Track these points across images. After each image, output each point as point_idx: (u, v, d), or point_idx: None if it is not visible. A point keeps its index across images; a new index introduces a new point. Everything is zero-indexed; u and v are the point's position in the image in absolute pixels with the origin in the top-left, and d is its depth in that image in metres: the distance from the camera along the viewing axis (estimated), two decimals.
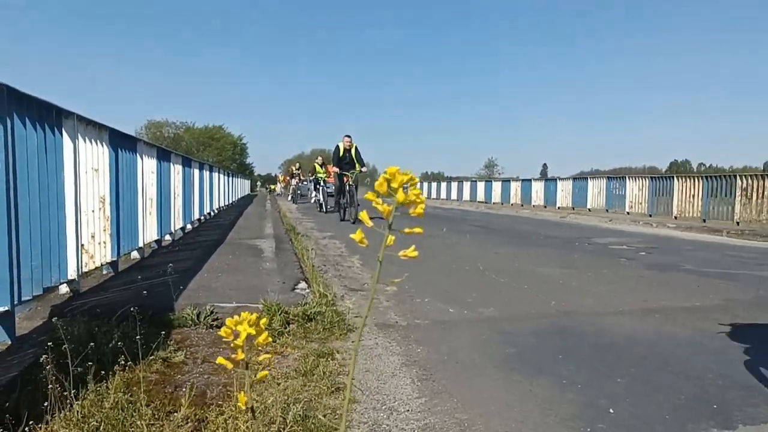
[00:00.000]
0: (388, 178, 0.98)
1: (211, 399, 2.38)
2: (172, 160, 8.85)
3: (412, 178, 0.99)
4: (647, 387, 2.68)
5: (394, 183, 0.98)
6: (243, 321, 1.09)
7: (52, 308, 3.84)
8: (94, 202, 4.82)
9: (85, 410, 2.10)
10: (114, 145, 5.34)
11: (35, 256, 3.50)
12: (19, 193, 3.25)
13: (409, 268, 6.13)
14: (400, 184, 0.98)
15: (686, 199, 15.54)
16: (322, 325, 3.53)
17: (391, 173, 0.98)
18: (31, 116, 3.51)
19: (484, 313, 4.15)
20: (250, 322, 1.09)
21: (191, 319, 3.50)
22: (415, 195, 0.99)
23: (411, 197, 0.99)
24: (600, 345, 3.38)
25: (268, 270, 5.54)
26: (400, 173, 0.99)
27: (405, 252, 1.02)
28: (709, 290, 5.09)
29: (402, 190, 0.98)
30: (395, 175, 0.98)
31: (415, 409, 2.41)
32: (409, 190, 0.99)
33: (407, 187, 1.00)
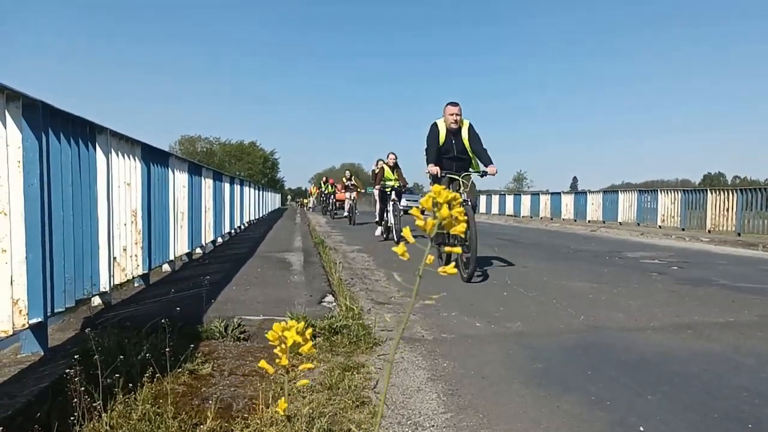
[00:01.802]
0: (434, 196, 1.02)
1: (237, 412, 2.40)
2: (204, 175, 8.98)
3: (455, 197, 1.02)
4: (679, 405, 2.63)
5: (439, 199, 1.01)
6: (290, 328, 1.11)
7: (84, 320, 3.91)
8: (127, 216, 4.90)
9: (113, 421, 2.13)
10: (146, 159, 5.44)
11: (68, 268, 3.57)
12: (53, 207, 3.33)
13: (436, 282, 6.11)
14: (445, 201, 1.01)
15: (720, 213, 15.23)
16: (348, 338, 3.54)
17: (437, 191, 1.02)
18: (66, 132, 3.59)
19: (511, 328, 4.11)
20: (297, 330, 1.12)
21: (219, 331, 3.54)
22: (459, 213, 1.01)
23: (455, 214, 1.01)
24: (630, 361, 3.32)
25: (296, 283, 5.57)
26: (445, 191, 1.03)
27: (444, 268, 1.05)
28: (743, 306, 4.97)
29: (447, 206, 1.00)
30: (441, 193, 1.02)
31: (440, 425, 2.39)
32: (454, 208, 1.01)
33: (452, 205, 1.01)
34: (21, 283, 3.03)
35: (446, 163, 6.87)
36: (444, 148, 6.88)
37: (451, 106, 6.73)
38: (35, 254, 3.08)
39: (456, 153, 6.88)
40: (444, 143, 6.86)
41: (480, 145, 6.84)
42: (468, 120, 6.92)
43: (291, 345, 1.11)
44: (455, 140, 6.87)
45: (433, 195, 1.02)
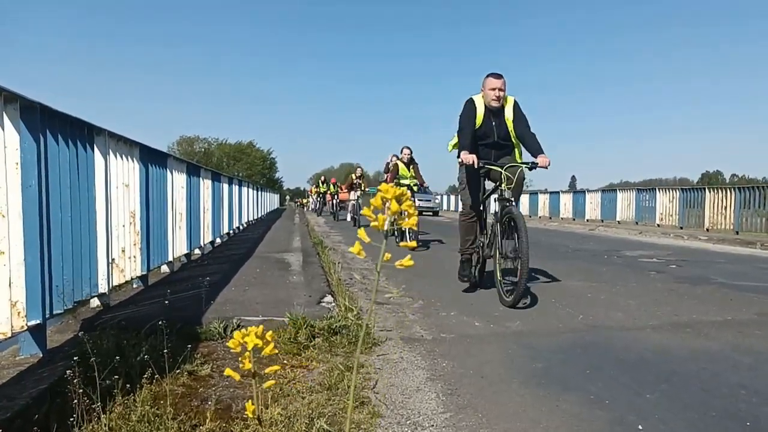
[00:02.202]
0: (383, 193, 1.05)
1: (236, 413, 2.40)
2: (202, 175, 8.97)
3: (403, 193, 1.06)
4: (677, 403, 2.63)
5: (387, 196, 1.05)
6: (250, 333, 1.14)
7: (82, 321, 3.91)
8: (125, 217, 4.90)
9: (113, 423, 2.13)
10: (144, 160, 5.43)
11: (66, 270, 3.57)
12: (51, 208, 3.33)
13: (435, 281, 6.12)
14: (393, 197, 1.05)
15: (718, 211, 15.24)
16: (347, 338, 3.54)
17: (385, 189, 1.06)
18: (64, 133, 3.59)
19: (510, 327, 4.11)
20: (257, 334, 1.14)
21: (218, 332, 3.54)
22: (408, 206, 1.05)
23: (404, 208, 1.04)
24: (629, 360, 3.33)
25: (295, 283, 5.57)
26: (392, 188, 1.06)
27: (401, 261, 1.08)
28: (741, 304, 4.98)
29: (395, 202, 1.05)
30: (389, 190, 1.05)
31: (439, 425, 2.39)
32: (403, 202, 1.04)
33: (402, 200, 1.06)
34: (19, 285, 3.03)
35: (482, 152, 5.41)
36: (481, 132, 5.40)
37: (492, 78, 5.27)
38: (33, 256, 3.08)
39: (496, 138, 5.40)
40: (481, 126, 5.39)
41: (527, 128, 5.37)
42: (513, 97, 5.42)
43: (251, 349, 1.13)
44: (496, 122, 5.40)
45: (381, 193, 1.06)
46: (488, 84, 5.33)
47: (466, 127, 5.32)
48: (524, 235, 4.67)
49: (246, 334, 1.14)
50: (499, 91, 5.26)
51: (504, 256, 5.00)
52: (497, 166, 5.22)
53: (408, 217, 1.06)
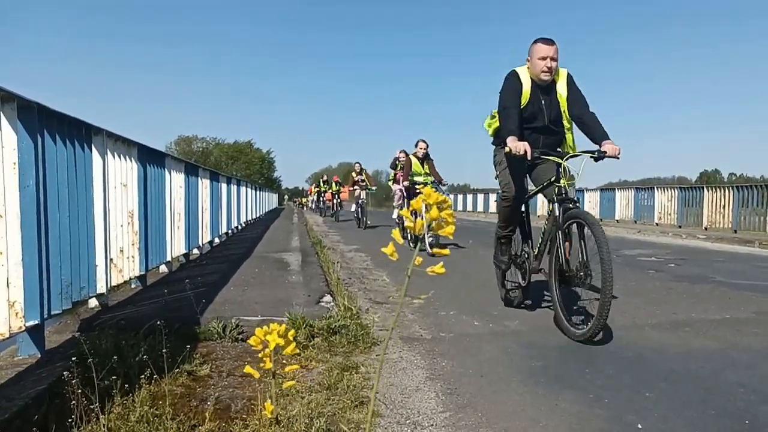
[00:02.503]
0: (425, 198, 1.04)
1: (235, 413, 2.39)
2: (200, 175, 8.96)
3: (446, 200, 1.05)
4: (676, 402, 2.63)
5: (429, 200, 1.03)
6: (272, 331, 1.12)
7: (81, 322, 3.90)
8: (123, 217, 4.89)
9: (111, 423, 2.13)
10: (142, 160, 5.43)
11: (65, 270, 3.56)
12: (49, 209, 3.32)
13: (434, 281, 6.10)
14: (435, 203, 1.03)
15: (716, 210, 15.26)
16: (347, 338, 3.53)
17: (428, 193, 1.05)
18: (62, 133, 3.58)
19: (509, 326, 4.11)
20: (279, 333, 1.12)
21: (217, 332, 3.53)
22: (448, 215, 1.02)
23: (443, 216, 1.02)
24: (627, 359, 3.33)
25: (294, 283, 5.57)
26: (435, 193, 1.05)
27: (432, 268, 1.07)
28: (740, 302, 4.98)
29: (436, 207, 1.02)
30: (431, 195, 1.04)
31: (439, 424, 2.39)
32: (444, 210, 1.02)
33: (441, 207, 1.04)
34: (17, 285, 3.02)
35: (528, 138, 4.17)
36: (527, 113, 4.26)
37: (543, 45, 4.15)
38: (31, 256, 3.07)
39: (547, 121, 4.27)
40: (528, 105, 4.25)
41: (586, 107, 4.21)
42: (566, 69, 4.31)
43: (274, 347, 1.11)
44: (546, 101, 4.25)
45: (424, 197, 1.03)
46: (537, 52, 4.22)
47: (511, 107, 4.19)
48: (605, 247, 3.58)
49: (268, 332, 1.13)
50: (551, 61, 4.13)
51: (568, 273, 3.90)
52: (556, 156, 4.09)
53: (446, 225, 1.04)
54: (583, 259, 3.80)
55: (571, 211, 3.96)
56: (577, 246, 3.90)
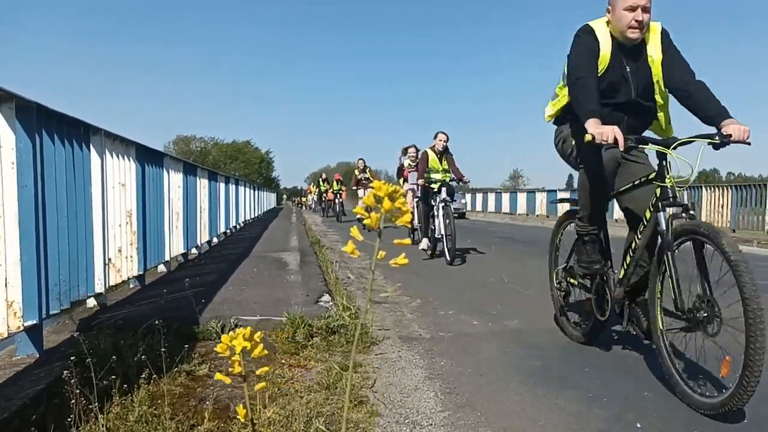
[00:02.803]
0: (375, 191, 1.05)
1: (234, 412, 2.39)
2: (198, 175, 8.95)
3: (396, 190, 1.05)
4: (675, 400, 2.63)
5: (380, 193, 1.04)
6: (238, 335, 1.12)
7: (79, 321, 3.90)
8: (121, 217, 4.89)
9: (110, 423, 2.12)
10: (141, 160, 5.42)
11: (63, 270, 3.56)
12: (47, 209, 3.32)
13: (432, 280, 6.12)
14: (386, 194, 1.04)
15: (715, 209, 15.27)
16: (345, 338, 3.53)
17: (378, 186, 1.05)
18: (60, 133, 3.58)
19: (508, 326, 4.11)
20: (244, 336, 1.12)
21: (215, 332, 3.52)
22: (401, 204, 1.05)
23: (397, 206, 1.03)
24: (627, 358, 3.33)
25: (292, 283, 5.56)
26: (386, 185, 1.06)
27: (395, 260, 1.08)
28: (739, 302, 4.97)
29: (388, 199, 1.04)
30: (381, 188, 1.05)
31: (438, 423, 2.39)
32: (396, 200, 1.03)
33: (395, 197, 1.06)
34: (16, 285, 3.02)
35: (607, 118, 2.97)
36: (606, 84, 3.15)
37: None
38: (30, 256, 3.07)
39: (634, 95, 3.15)
40: (606, 72, 3.15)
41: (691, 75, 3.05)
42: (660, 24, 3.16)
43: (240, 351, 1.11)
44: (633, 67, 3.14)
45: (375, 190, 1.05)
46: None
47: (587, 75, 3.07)
48: (748, 278, 2.54)
49: (234, 337, 1.13)
50: (643, 12, 2.99)
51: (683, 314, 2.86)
52: (660, 144, 2.95)
53: (401, 215, 1.05)
54: (704, 293, 2.79)
55: (686, 224, 2.82)
56: (693, 273, 2.86)
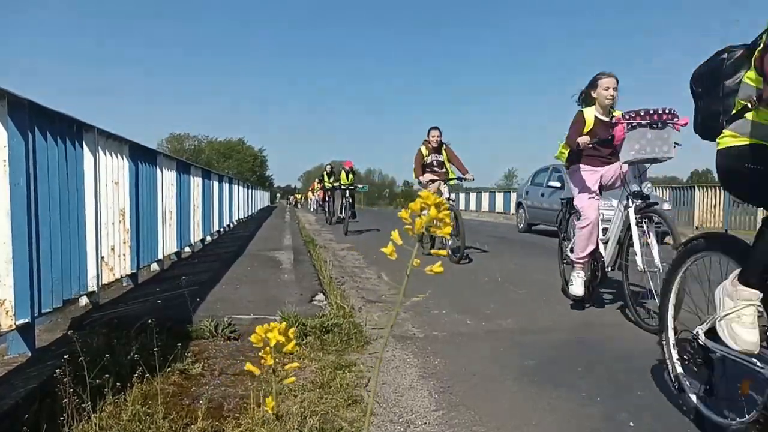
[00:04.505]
0: (423, 199, 1.09)
1: (228, 411, 2.38)
2: (192, 173, 8.92)
3: (442, 202, 1.09)
4: (668, 400, 2.64)
5: (428, 202, 1.08)
6: (273, 329, 1.14)
7: (72, 320, 3.88)
8: (114, 215, 4.86)
9: (103, 422, 2.11)
10: (134, 158, 5.40)
11: (55, 268, 3.53)
12: (40, 206, 3.29)
13: (426, 279, 6.10)
14: (433, 204, 1.08)
15: (708, 210, 15.34)
16: (339, 337, 3.53)
17: (426, 196, 1.10)
18: (53, 130, 3.56)
19: (502, 325, 4.12)
20: (279, 330, 1.14)
21: (209, 330, 3.52)
22: (445, 216, 1.08)
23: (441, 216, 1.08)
24: (620, 357, 3.34)
25: (286, 282, 5.55)
26: (433, 195, 1.10)
27: (431, 267, 1.10)
28: None
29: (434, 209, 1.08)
30: (429, 197, 1.09)
31: (432, 422, 2.39)
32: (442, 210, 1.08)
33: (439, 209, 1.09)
34: (7, 283, 3.00)
35: None
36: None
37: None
38: (22, 254, 3.05)
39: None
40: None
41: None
42: None
43: (275, 345, 1.13)
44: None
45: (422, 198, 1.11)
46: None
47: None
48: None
49: (269, 329, 1.16)
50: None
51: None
52: None
53: (443, 226, 1.09)
54: None
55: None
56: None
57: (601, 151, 4.64)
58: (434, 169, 8.20)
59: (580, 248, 4.53)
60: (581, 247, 4.51)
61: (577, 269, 4.62)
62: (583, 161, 4.69)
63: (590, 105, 4.74)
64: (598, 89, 4.63)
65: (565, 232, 5.18)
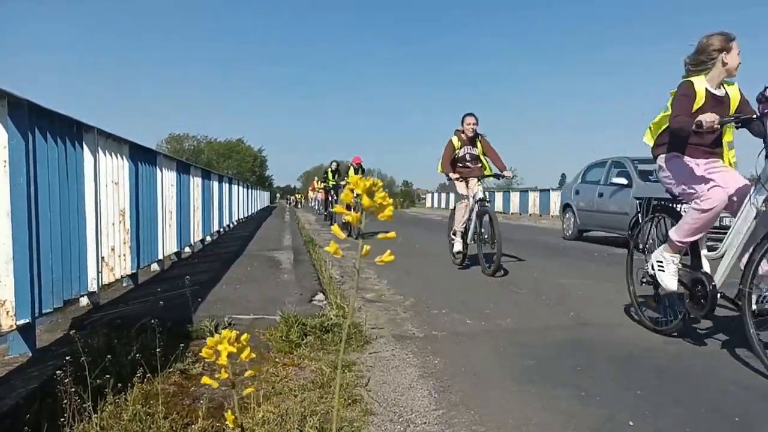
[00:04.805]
0: (351, 187, 1.00)
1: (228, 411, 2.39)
2: (192, 173, 8.93)
3: (375, 183, 1.00)
4: (667, 399, 2.65)
5: (357, 190, 0.99)
6: (223, 340, 1.09)
7: (72, 320, 3.88)
8: (114, 215, 4.87)
9: (104, 422, 2.12)
10: (134, 158, 5.40)
11: (56, 269, 3.54)
12: (40, 207, 3.30)
13: (425, 279, 6.12)
14: (364, 190, 0.99)
15: None
16: (339, 336, 3.53)
17: (354, 182, 1.00)
18: (53, 131, 3.56)
19: (501, 325, 4.12)
20: (230, 340, 1.09)
21: (209, 330, 3.52)
22: (381, 198, 1.00)
23: (378, 201, 1.00)
24: (619, 357, 3.34)
25: (286, 281, 5.56)
26: (362, 180, 1.00)
27: (381, 258, 1.03)
28: None
29: (367, 195, 0.99)
30: (358, 183, 0.99)
31: (432, 422, 2.39)
32: (376, 194, 1.00)
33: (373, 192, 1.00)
34: (8, 284, 3.00)
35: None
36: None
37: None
38: (22, 254, 3.05)
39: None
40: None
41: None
42: None
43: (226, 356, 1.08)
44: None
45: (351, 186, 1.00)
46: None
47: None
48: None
49: (219, 341, 1.10)
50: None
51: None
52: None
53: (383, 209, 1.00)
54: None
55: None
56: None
57: (705, 139, 3.58)
58: (467, 163, 6.99)
59: (687, 231, 3.52)
60: (690, 231, 3.50)
61: (671, 254, 3.65)
62: None
63: (700, 73, 3.60)
64: (732, 53, 3.51)
65: (643, 241, 4.11)
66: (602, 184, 10.93)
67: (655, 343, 3.63)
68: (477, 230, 6.63)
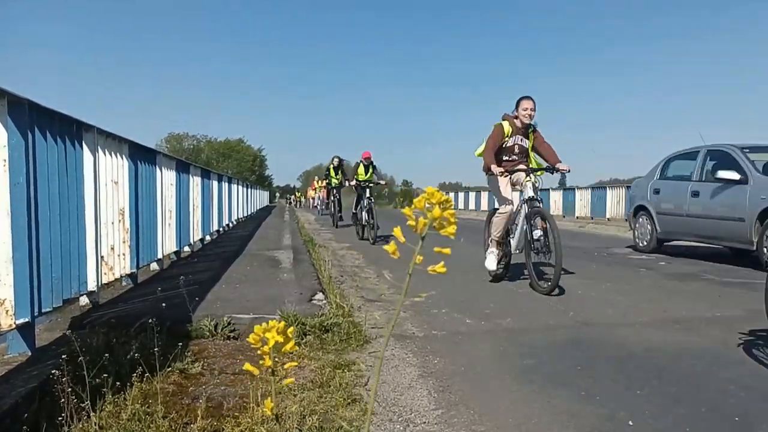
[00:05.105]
0: (427, 197, 1.04)
1: (227, 410, 2.39)
2: (191, 173, 8.93)
3: (448, 200, 1.04)
4: (667, 399, 2.65)
5: (432, 200, 1.04)
6: (271, 329, 1.12)
7: (71, 320, 3.88)
8: (114, 214, 4.87)
9: (103, 421, 2.12)
10: (134, 157, 5.40)
11: (55, 268, 3.54)
12: (39, 206, 3.30)
13: (426, 279, 6.11)
14: (438, 202, 1.04)
15: None
16: (339, 336, 3.53)
17: (430, 192, 1.04)
18: (53, 130, 3.56)
19: (501, 324, 4.12)
20: (278, 330, 1.12)
21: (209, 330, 3.52)
22: (450, 215, 1.04)
23: (446, 215, 1.04)
24: (619, 356, 3.34)
25: (286, 281, 5.56)
26: (438, 193, 1.05)
27: (433, 267, 1.06)
28: (731, 300, 5.01)
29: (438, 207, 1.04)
30: (434, 194, 1.04)
31: (431, 421, 2.39)
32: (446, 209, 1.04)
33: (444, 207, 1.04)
34: (7, 283, 3.00)
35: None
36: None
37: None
38: (22, 253, 3.05)
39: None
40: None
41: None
42: None
43: (273, 345, 1.11)
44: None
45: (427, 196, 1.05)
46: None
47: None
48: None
49: (267, 329, 1.13)
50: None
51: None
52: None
53: (447, 225, 1.04)
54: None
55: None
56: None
57: None
58: (513, 156, 5.76)
59: None
60: None
61: None
62: None
63: None
64: None
65: None
66: (696, 180, 8.51)
67: (655, 343, 3.63)
68: (527, 237, 5.43)
